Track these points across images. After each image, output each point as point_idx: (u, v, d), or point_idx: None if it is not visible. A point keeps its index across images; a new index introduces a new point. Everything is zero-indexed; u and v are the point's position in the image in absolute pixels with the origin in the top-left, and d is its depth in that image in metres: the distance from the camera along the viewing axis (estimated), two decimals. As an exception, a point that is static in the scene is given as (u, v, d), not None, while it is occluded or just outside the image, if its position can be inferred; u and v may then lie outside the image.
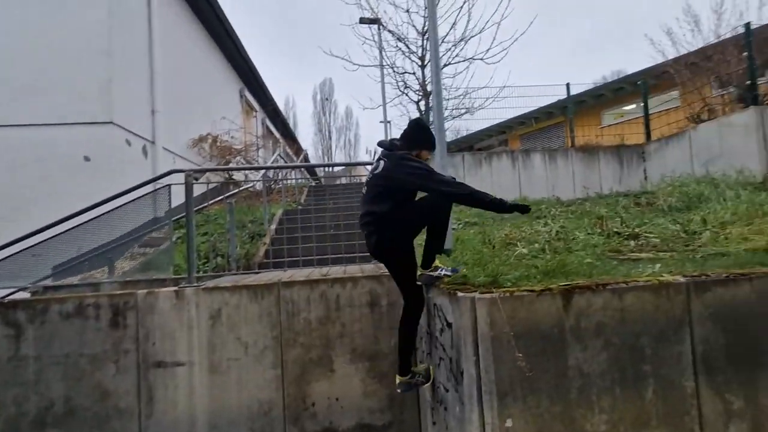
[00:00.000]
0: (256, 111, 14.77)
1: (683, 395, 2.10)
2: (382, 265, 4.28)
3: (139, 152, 6.96)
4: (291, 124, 29.71)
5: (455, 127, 15.52)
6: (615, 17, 55.10)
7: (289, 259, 4.53)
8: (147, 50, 7.48)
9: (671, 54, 8.78)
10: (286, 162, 12.78)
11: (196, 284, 3.72)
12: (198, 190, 6.47)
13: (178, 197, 4.41)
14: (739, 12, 7.80)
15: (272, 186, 9.15)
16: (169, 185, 4.44)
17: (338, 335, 3.64)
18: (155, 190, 5.50)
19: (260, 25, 56.07)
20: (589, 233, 4.09)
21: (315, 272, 4.11)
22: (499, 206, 2.38)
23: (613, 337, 2.09)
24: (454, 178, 2.61)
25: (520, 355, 1.96)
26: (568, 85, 9.81)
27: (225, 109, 10.92)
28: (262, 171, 8.57)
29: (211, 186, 8.17)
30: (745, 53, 6.52)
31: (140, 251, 5.88)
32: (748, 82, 6.39)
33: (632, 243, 3.74)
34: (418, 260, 2.74)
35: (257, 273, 4.58)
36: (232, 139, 9.85)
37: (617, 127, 11.45)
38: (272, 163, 9.44)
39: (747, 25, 6.59)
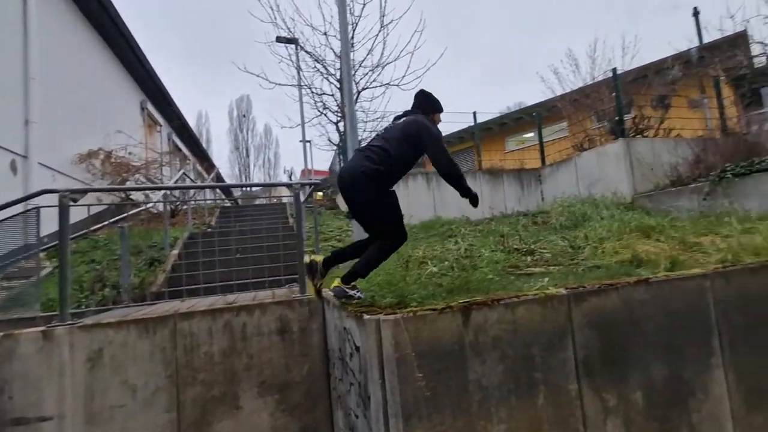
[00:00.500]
0: (160, 125, 13.61)
1: (569, 398, 2.28)
2: (295, 288, 4.11)
3: (5, 168, 5.94)
4: (204, 140, 27.98)
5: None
6: (519, 53, 62.16)
7: (188, 287, 4.13)
8: (21, 53, 6.49)
9: (559, 91, 10.05)
10: (194, 181, 11.88)
11: (70, 322, 3.20)
12: (88, 211, 5.65)
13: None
14: (608, 59, 9.23)
15: (177, 207, 8.39)
16: (38, 207, 3.79)
17: (245, 368, 3.37)
18: (25, 211, 4.70)
19: (170, 38, 52.77)
20: (493, 250, 4.38)
21: (219, 301, 3.79)
22: (469, 194, 2.76)
23: (508, 349, 2.21)
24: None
25: (420, 375, 1.97)
26: (474, 113, 10.69)
27: (122, 122, 9.87)
28: (163, 191, 7.82)
29: (102, 208, 7.23)
30: (614, 93, 7.70)
31: (3, 285, 4.94)
32: (617, 118, 7.53)
33: (529, 258, 4.08)
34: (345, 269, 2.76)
35: (152, 305, 4.10)
36: (130, 155, 8.90)
37: (519, 152, 12.72)
38: (177, 181, 8.68)
39: (614, 70, 7.80)
